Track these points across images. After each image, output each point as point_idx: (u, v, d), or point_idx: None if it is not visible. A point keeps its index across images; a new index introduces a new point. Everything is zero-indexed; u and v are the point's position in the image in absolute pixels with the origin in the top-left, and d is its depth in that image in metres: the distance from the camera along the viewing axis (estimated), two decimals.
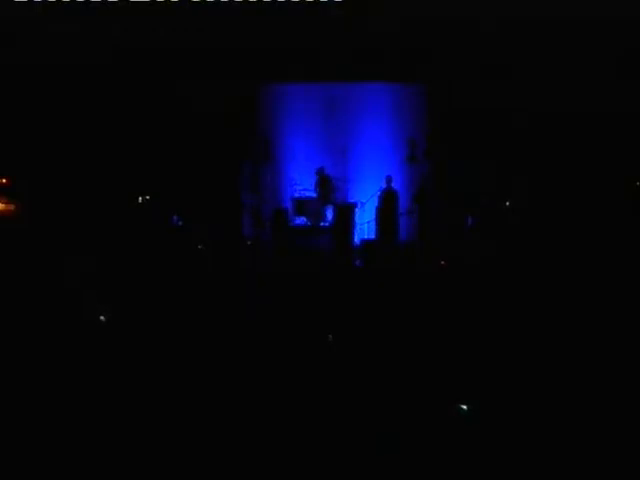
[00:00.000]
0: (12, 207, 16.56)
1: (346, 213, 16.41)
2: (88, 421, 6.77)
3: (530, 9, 15.95)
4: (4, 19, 15.95)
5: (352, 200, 16.99)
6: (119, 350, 8.69)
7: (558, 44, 16.33)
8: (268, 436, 6.48)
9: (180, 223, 16.94)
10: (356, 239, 16.55)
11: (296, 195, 17.05)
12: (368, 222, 16.74)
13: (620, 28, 15.83)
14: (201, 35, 16.68)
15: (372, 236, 16.71)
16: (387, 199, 16.68)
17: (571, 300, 10.53)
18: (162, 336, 9.16)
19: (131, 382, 7.70)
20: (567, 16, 15.88)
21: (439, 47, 16.62)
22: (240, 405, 7.12)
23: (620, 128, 16.61)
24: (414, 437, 6.46)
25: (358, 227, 16.64)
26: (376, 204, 16.73)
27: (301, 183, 17.08)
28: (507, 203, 17.16)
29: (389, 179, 16.74)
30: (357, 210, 16.61)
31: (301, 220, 16.87)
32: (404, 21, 16.54)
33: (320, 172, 16.96)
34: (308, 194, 16.92)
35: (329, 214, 16.83)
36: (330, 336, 9.08)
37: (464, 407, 6.88)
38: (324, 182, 16.92)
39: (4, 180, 16.85)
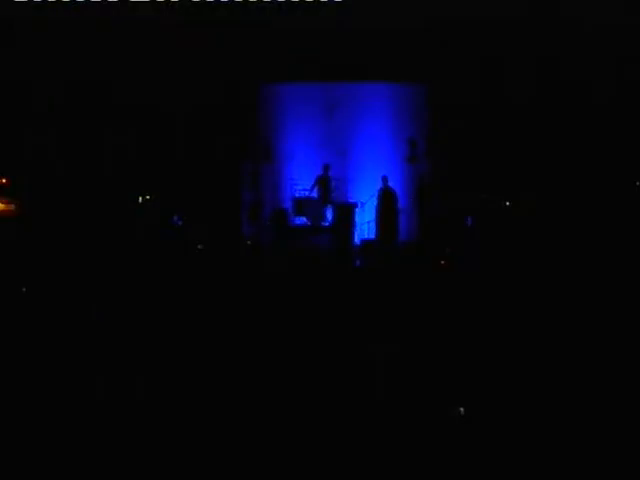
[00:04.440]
0: (12, 207, 16.56)
1: (346, 213, 16.40)
2: (88, 420, 6.77)
3: (530, 9, 15.95)
4: (4, 19, 15.95)
5: (352, 200, 16.97)
6: (118, 348, 8.69)
7: (558, 44, 16.32)
8: (267, 436, 6.48)
9: (180, 223, 16.93)
10: (356, 239, 16.53)
11: (296, 195, 17.03)
12: (368, 222, 16.73)
13: (620, 29, 15.83)
14: (202, 35, 16.68)
15: (372, 236, 16.70)
16: (384, 199, 16.67)
17: (571, 300, 10.53)
18: (161, 335, 9.16)
19: (130, 380, 7.70)
20: (569, 16, 15.88)
21: (439, 47, 16.62)
22: (239, 405, 7.12)
23: (621, 128, 16.61)
24: (414, 437, 6.46)
25: (358, 227, 16.62)
26: (375, 204, 16.73)
27: (301, 183, 17.07)
28: (507, 203, 17.15)
29: (385, 179, 16.73)
30: (357, 210, 16.59)
31: (301, 220, 16.86)
32: (404, 21, 16.54)
33: (326, 168, 16.88)
34: (308, 194, 16.91)
35: (329, 214, 16.82)
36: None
37: (462, 409, 6.88)
38: (326, 180, 16.90)
39: (4, 180, 16.85)
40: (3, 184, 16.85)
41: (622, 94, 16.50)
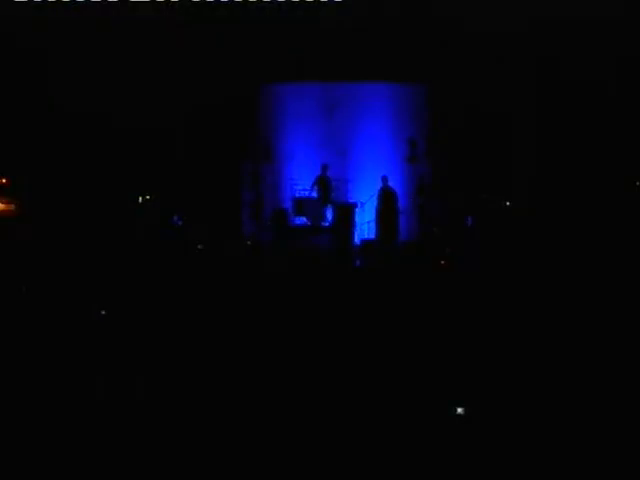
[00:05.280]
0: (12, 207, 16.56)
1: (346, 213, 16.41)
2: (88, 419, 6.77)
3: (529, 9, 15.95)
4: (4, 19, 15.95)
5: (352, 200, 16.97)
6: (118, 348, 8.69)
7: (558, 44, 16.32)
8: (267, 436, 6.49)
9: (180, 223, 16.94)
10: (356, 239, 16.54)
11: (296, 195, 17.04)
12: (368, 222, 16.73)
13: (620, 29, 15.83)
14: (202, 35, 16.68)
15: (372, 236, 16.71)
16: (384, 199, 16.67)
17: (572, 300, 10.53)
18: (161, 335, 9.16)
19: (130, 380, 7.70)
20: (568, 16, 15.88)
21: (439, 47, 16.62)
22: (239, 405, 7.12)
23: (621, 128, 16.61)
24: (413, 438, 6.46)
25: (358, 227, 16.63)
26: (375, 204, 16.74)
27: (301, 183, 17.07)
28: (507, 203, 17.16)
29: (385, 179, 16.73)
30: (357, 210, 16.59)
31: (301, 220, 16.86)
32: (404, 21, 16.54)
33: (325, 168, 16.89)
34: (308, 194, 16.92)
35: (329, 214, 16.83)
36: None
37: (460, 410, 6.88)
38: (324, 180, 16.91)
39: (4, 180, 16.86)
40: (3, 184, 16.85)
41: (622, 94, 16.50)
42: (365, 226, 16.74)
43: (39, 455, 6.16)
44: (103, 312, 10.15)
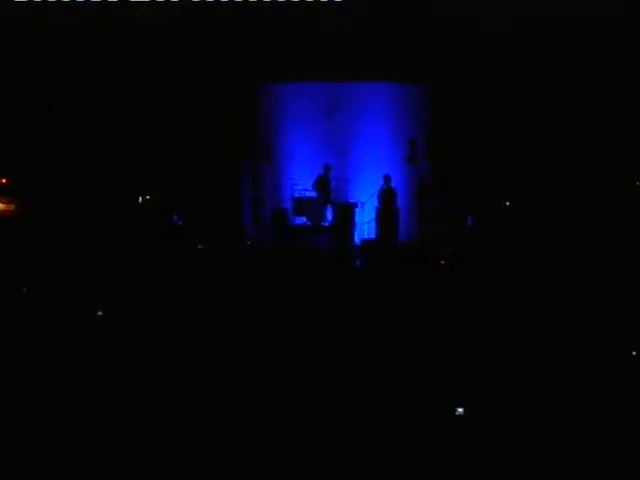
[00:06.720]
0: (12, 207, 16.56)
1: (346, 213, 16.40)
2: (88, 419, 6.77)
3: (529, 9, 15.96)
4: (4, 19, 15.95)
5: (352, 200, 16.97)
6: (118, 348, 8.69)
7: (558, 44, 16.33)
8: (267, 436, 6.49)
9: (180, 223, 16.93)
10: (356, 239, 16.53)
11: (296, 195, 17.04)
12: (368, 222, 16.74)
13: (620, 29, 15.83)
14: (202, 35, 16.68)
15: (372, 236, 16.71)
16: (386, 198, 16.67)
17: (572, 300, 10.53)
18: (161, 335, 9.16)
19: (130, 380, 7.70)
20: (569, 16, 15.89)
21: (439, 47, 16.62)
22: (239, 405, 7.12)
23: (621, 128, 16.61)
24: (413, 438, 6.46)
25: (358, 227, 16.63)
26: (376, 204, 16.74)
27: (301, 183, 17.08)
28: (507, 203, 17.16)
29: (387, 178, 16.73)
30: (357, 210, 16.59)
31: (301, 220, 16.86)
32: (404, 21, 16.55)
33: (327, 169, 16.90)
34: (308, 194, 16.92)
35: (329, 214, 16.83)
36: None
37: (460, 410, 6.88)
38: (326, 180, 16.91)
39: (4, 180, 16.86)
40: (3, 184, 16.85)
41: (622, 94, 16.50)
42: (365, 226, 16.74)
43: (39, 454, 6.16)
44: (103, 312, 10.15)
